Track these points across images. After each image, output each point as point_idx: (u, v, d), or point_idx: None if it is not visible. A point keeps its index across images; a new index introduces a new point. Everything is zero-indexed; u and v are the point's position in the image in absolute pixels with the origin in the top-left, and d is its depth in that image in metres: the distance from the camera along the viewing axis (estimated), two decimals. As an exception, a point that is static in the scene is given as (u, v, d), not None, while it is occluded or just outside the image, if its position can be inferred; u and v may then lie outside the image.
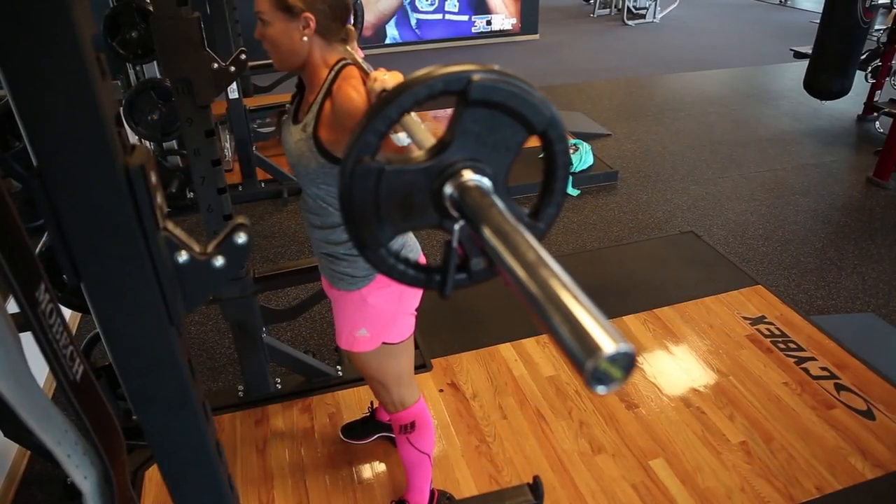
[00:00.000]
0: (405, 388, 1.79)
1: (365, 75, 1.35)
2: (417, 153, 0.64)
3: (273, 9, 1.37)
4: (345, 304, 1.65)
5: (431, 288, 0.67)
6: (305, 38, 1.40)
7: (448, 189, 0.63)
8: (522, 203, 0.66)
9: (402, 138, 1.17)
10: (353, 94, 1.36)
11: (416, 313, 1.74)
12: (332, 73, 1.44)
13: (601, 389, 0.40)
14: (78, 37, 0.53)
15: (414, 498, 1.98)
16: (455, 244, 0.64)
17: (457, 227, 0.63)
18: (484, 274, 0.67)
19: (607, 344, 0.40)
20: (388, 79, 1.21)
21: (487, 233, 0.55)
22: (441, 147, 0.64)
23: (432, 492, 2.02)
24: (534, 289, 0.49)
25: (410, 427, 1.82)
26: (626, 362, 0.39)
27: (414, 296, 1.70)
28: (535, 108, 0.64)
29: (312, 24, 1.39)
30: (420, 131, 0.89)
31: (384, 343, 1.67)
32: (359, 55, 1.47)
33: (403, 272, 0.67)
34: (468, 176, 0.63)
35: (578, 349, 0.41)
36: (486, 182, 0.63)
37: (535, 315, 0.47)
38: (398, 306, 1.65)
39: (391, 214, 0.64)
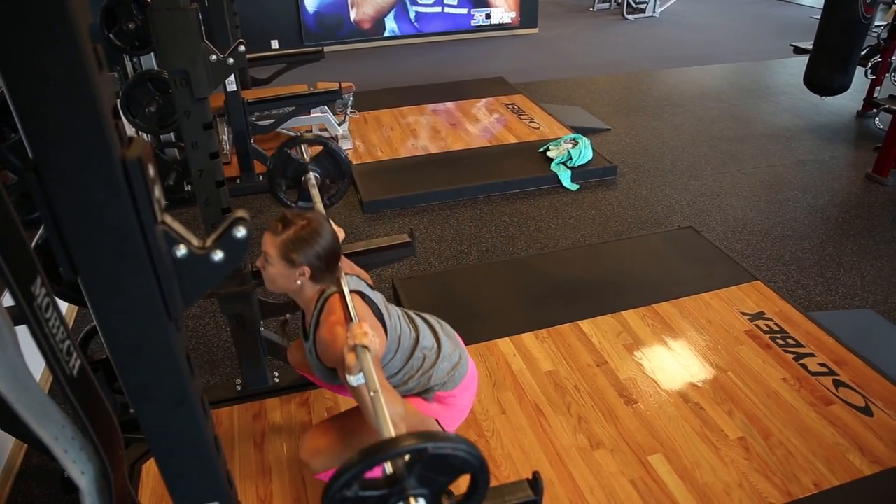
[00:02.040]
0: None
1: (344, 304, 1.65)
2: (380, 481, 0.95)
3: (278, 256, 1.64)
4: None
5: None
6: (300, 283, 1.68)
7: None
8: (519, 197, 0.65)
9: (359, 378, 1.42)
10: (328, 336, 1.63)
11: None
12: (318, 307, 1.70)
13: None
14: (74, 27, 0.52)
15: None
16: None
17: None
18: None
19: None
20: (358, 335, 1.46)
21: None
22: (395, 480, 0.94)
23: None
24: None
25: None
26: None
27: (460, 410, 1.92)
28: (469, 462, 0.94)
29: (307, 275, 1.66)
30: (381, 414, 1.32)
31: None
32: (345, 269, 1.78)
33: None
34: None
35: None
36: None
37: None
38: (447, 414, 1.87)
39: None
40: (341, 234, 1.86)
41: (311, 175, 2.37)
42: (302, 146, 2.42)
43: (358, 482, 0.90)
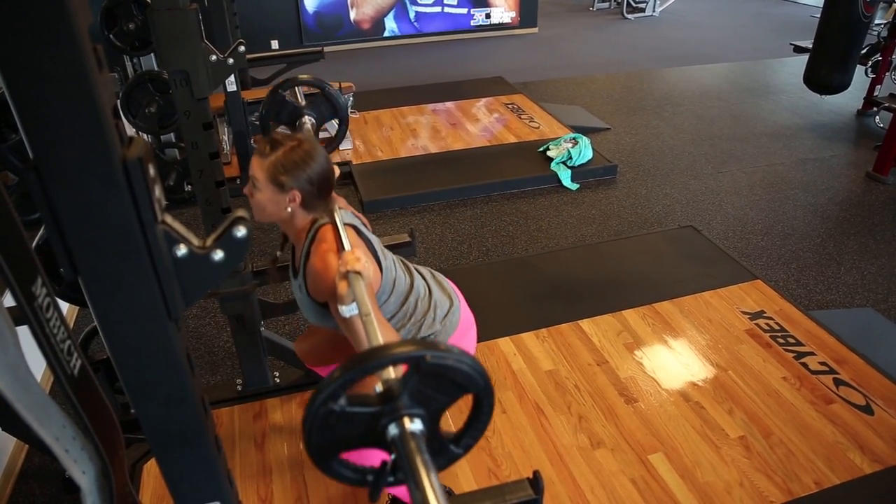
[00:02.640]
0: None
1: (336, 233, 1.52)
2: (371, 397, 0.82)
3: (266, 180, 1.53)
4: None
5: (366, 486, 0.88)
6: (290, 210, 1.57)
7: (391, 430, 0.82)
8: (519, 197, 0.65)
9: (352, 308, 1.33)
10: (319, 265, 1.53)
11: None
12: (309, 237, 1.59)
13: None
14: (75, 28, 0.52)
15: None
16: (389, 466, 0.85)
17: (393, 456, 0.83)
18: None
19: None
20: (350, 261, 1.36)
21: (411, 474, 0.78)
22: (389, 396, 0.82)
23: None
24: None
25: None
26: None
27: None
28: (472, 379, 0.81)
29: (298, 200, 1.55)
30: (373, 333, 1.18)
31: None
32: (340, 203, 1.68)
33: (342, 475, 0.87)
34: (406, 423, 0.82)
35: None
36: (418, 427, 0.83)
37: None
38: None
39: (343, 438, 0.83)
40: (336, 172, 1.76)
41: (307, 119, 2.25)
42: (297, 89, 2.29)
43: (346, 395, 0.79)
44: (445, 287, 1.89)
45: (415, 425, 0.82)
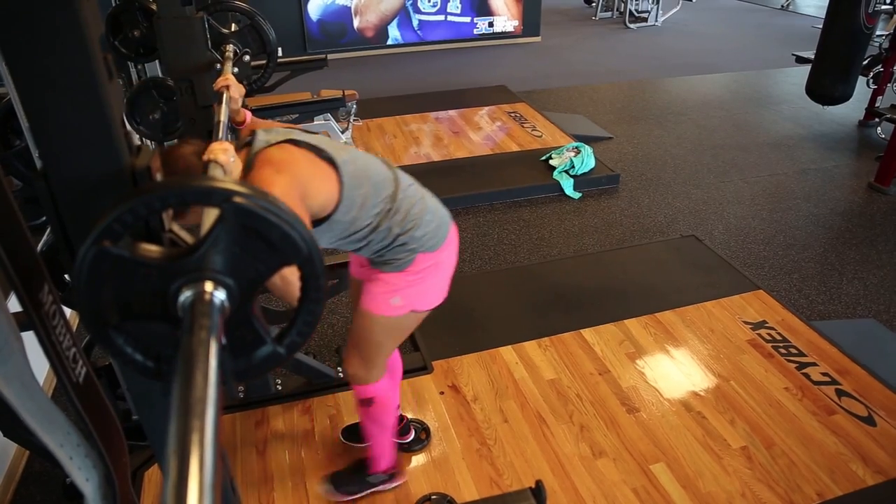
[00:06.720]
0: (382, 364, 1.88)
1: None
2: (155, 251, 0.61)
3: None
4: (386, 278, 1.72)
5: (150, 377, 0.69)
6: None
7: (183, 296, 0.62)
8: (521, 205, 0.65)
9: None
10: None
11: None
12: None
13: None
14: (86, 37, 0.52)
15: (374, 464, 2.08)
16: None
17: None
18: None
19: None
20: (217, 152, 1.25)
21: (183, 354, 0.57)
22: (187, 251, 0.62)
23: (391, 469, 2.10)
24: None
25: (370, 402, 1.92)
26: None
27: (450, 266, 1.80)
28: (293, 242, 0.64)
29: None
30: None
31: (412, 311, 1.75)
32: (247, 119, 1.66)
33: (128, 355, 0.67)
34: (206, 288, 0.62)
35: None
36: (220, 296, 0.63)
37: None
38: (434, 279, 1.74)
39: (124, 301, 0.63)
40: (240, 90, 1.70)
41: (231, 48, 2.09)
42: (228, 15, 2.18)
43: (132, 243, 0.60)
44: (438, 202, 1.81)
45: (217, 293, 0.62)
